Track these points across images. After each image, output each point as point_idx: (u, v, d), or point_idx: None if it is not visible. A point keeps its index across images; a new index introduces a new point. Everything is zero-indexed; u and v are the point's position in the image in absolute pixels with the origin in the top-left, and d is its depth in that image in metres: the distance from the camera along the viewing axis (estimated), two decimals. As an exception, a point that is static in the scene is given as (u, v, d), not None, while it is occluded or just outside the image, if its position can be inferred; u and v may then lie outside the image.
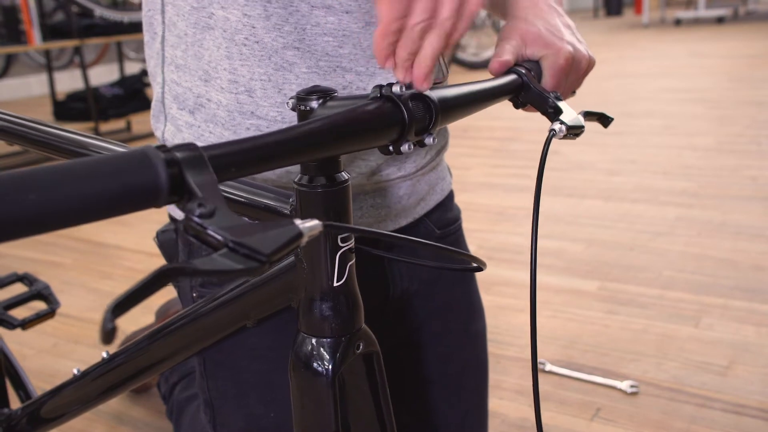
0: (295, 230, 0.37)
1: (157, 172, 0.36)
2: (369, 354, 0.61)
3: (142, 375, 0.75)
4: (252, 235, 0.35)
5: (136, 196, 0.36)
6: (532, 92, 0.65)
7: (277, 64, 0.72)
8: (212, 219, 0.36)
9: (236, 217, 0.36)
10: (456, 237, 0.94)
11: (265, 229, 0.36)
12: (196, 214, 0.36)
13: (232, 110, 0.74)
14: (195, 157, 0.38)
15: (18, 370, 1.08)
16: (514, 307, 1.88)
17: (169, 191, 0.37)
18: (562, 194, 2.74)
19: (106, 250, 2.53)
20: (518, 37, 0.68)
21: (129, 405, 1.57)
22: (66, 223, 0.34)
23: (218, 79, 0.74)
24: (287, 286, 0.61)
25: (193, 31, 0.74)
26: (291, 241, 0.37)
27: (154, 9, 0.79)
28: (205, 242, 0.36)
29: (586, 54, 0.70)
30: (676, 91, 4.57)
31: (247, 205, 0.60)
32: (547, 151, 0.61)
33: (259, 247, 0.35)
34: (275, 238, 0.36)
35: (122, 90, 4.28)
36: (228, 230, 0.35)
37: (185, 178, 0.37)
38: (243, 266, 0.34)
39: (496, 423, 1.41)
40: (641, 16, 9.35)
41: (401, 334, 0.90)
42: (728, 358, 1.57)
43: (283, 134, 0.44)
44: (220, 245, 0.35)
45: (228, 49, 0.72)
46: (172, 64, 0.78)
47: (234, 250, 0.35)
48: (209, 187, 0.38)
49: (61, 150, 0.65)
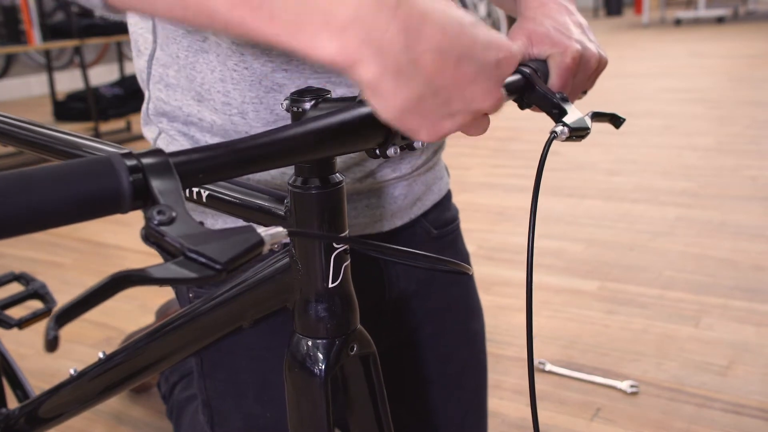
0: (255, 238, 0.37)
1: (119, 179, 0.36)
2: (365, 355, 0.61)
3: (140, 375, 0.75)
4: (210, 243, 0.35)
5: (98, 203, 0.36)
6: (537, 92, 0.64)
7: (268, 87, 0.72)
8: (171, 226, 0.36)
9: (196, 225, 0.36)
10: (454, 237, 0.94)
11: (225, 237, 0.36)
12: (155, 221, 0.36)
13: (228, 129, 0.75)
14: (160, 163, 0.38)
15: (15, 369, 1.08)
16: (514, 307, 1.88)
17: (132, 198, 0.37)
18: (562, 194, 2.74)
19: (106, 250, 2.53)
20: (525, 36, 0.67)
21: (129, 405, 1.56)
22: (27, 229, 0.34)
23: (212, 100, 0.74)
24: (283, 287, 0.61)
25: (186, 54, 0.74)
26: (250, 249, 0.37)
27: (144, 27, 0.79)
28: (164, 249, 0.36)
29: (596, 53, 0.68)
30: (676, 91, 4.56)
31: (242, 207, 0.60)
32: (546, 154, 0.59)
33: (215, 255, 0.35)
34: (234, 247, 0.36)
35: (122, 90, 4.28)
36: (186, 238, 0.35)
37: (149, 185, 0.37)
38: (198, 275, 0.34)
39: (496, 423, 1.41)
40: (641, 16, 9.35)
41: (400, 334, 0.90)
42: (728, 358, 1.57)
43: (258, 139, 0.44)
44: (177, 252, 0.35)
45: (222, 73, 0.73)
46: (160, 82, 0.79)
47: (190, 259, 0.35)
48: (172, 194, 0.37)
49: (55, 151, 0.65)
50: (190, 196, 0.62)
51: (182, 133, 0.79)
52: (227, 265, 0.35)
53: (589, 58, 0.67)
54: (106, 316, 1.98)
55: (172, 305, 1.63)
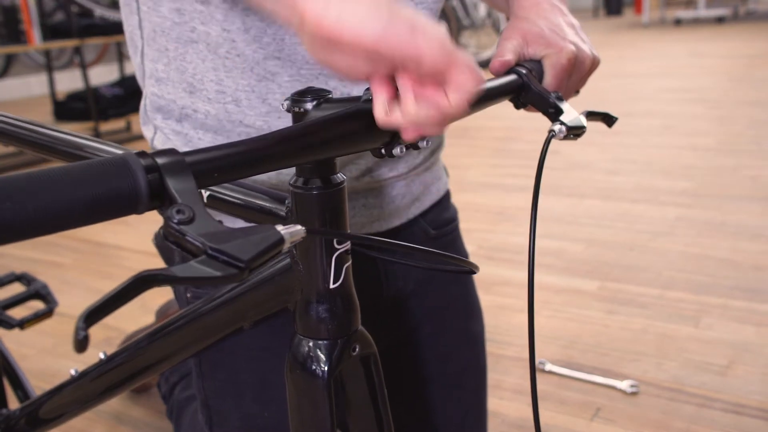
0: (276, 236, 0.37)
1: (136, 179, 0.36)
2: (366, 356, 0.61)
3: (140, 375, 0.75)
4: (231, 242, 0.35)
5: (115, 204, 0.36)
6: (533, 92, 0.64)
7: (260, 75, 0.72)
8: (191, 225, 0.36)
9: (216, 224, 0.36)
10: (452, 237, 0.94)
11: (246, 235, 0.36)
12: (175, 220, 0.36)
13: (222, 119, 0.75)
14: (176, 163, 0.38)
15: (16, 370, 1.08)
16: (514, 307, 1.88)
17: (149, 198, 0.37)
18: (562, 194, 2.74)
19: (106, 250, 2.53)
20: (520, 36, 0.67)
21: (129, 405, 1.56)
22: (44, 231, 0.34)
23: (204, 90, 0.74)
24: (284, 288, 0.61)
25: (175, 46, 0.74)
26: (272, 248, 0.36)
27: (133, 25, 0.79)
28: (184, 249, 0.36)
29: (589, 53, 0.69)
30: (676, 91, 4.56)
31: (243, 207, 0.60)
32: (546, 152, 0.60)
33: (237, 253, 0.35)
34: (255, 245, 0.36)
35: (122, 90, 4.28)
36: (207, 236, 0.35)
37: (165, 185, 0.37)
38: (221, 273, 0.34)
39: (496, 423, 1.41)
40: (641, 15, 9.34)
41: (399, 334, 0.90)
42: (728, 358, 1.57)
43: (268, 139, 0.44)
44: (199, 252, 0.35)
45: (213, 62, 0.73)
46: (152, 77, 0.79)
47: (213, 257, 0.35)
48: (189, 193, 0.37)
49: (56, 151, 0.65)
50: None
51: (176, 131, 0.79)
52: (250, 263, 0.35)
53: (583, 59, 0.68)
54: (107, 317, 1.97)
55: (172, 305, 1.63)
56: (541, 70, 0.67)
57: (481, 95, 0.61)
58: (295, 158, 0.46)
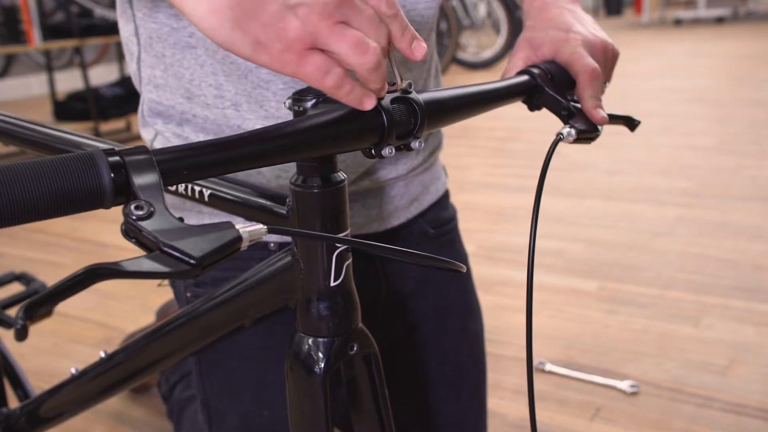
0: (233, 234, 0.37)
1: (100, 175, 0.37)
2: (367, 355, 0.61)
3: (140, 374, 0.75)
4: (186, 239, 0.35)
5: (81, 198, 0.36)
6: (546, 94, 0.64)
7: (254, 83, 0.72)
8: (149, 221, 0.36)
9: (175, 220, 0.36)
10: (451, 237, 0.94)
11: (202, 233, 0.36)
12: (133, 216, 0.36)
13: (221, 124, 0.75)
14: (142, 160, 0.38)
15: (16, 369, 1.08)
16: (514, 307, 1.88)
17: (113, 193, 0.37)
18: (563, 194, 2.74)
19: (105, 249, 2.53)
20: (526, 46, 0.69)
21: (129, 405, 1.56)
22: (8, 222, 0.35)
23: (202, 96, 0.74)
24: (284, 287, 0.61)
25: (172, 52, 0.74)
26: (227, 246, 0.37)
27: (129, 32, 0.79)
28: (142, 244, 0.36)
29: (599, 41, 0.68)
30: (676, 91, 4.56)
31: (243, 206, 0.60)
32: (551, 156, 0.59)
33: (190, 250, 0.35)
34: (210, 242, 0.36)
35: (122, 90, 4.28)
36: (162, 233, 0.35)
37: (130, 181, 0.38)
38: (172, 269, 0.34)
39: (495, 423, 1.41)
40: (641, 16, 9.34)
41: (398, 334, 0.90)
42: (728, 357, 1.57)
43: (245, 137, 0.44)
44: (153, 247, 0.35)
45: (212, 66, 0.73)
46: (150, 83, 0.79)
47: (165, 253, 0.35)
48: (152, 190, 0.38)
49: (56, 150, 0.65)
50: (192, 195, 0.62)
51: (177, 134, 0.79)
52: (202, 261, 0.35)
53: (593, 44, 0.68)
54: (107, 316, 1.98)
55: (173, 305, 1.63)
56: (557, 69, 0.67)
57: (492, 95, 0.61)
58: (271, 158, 0.45)
